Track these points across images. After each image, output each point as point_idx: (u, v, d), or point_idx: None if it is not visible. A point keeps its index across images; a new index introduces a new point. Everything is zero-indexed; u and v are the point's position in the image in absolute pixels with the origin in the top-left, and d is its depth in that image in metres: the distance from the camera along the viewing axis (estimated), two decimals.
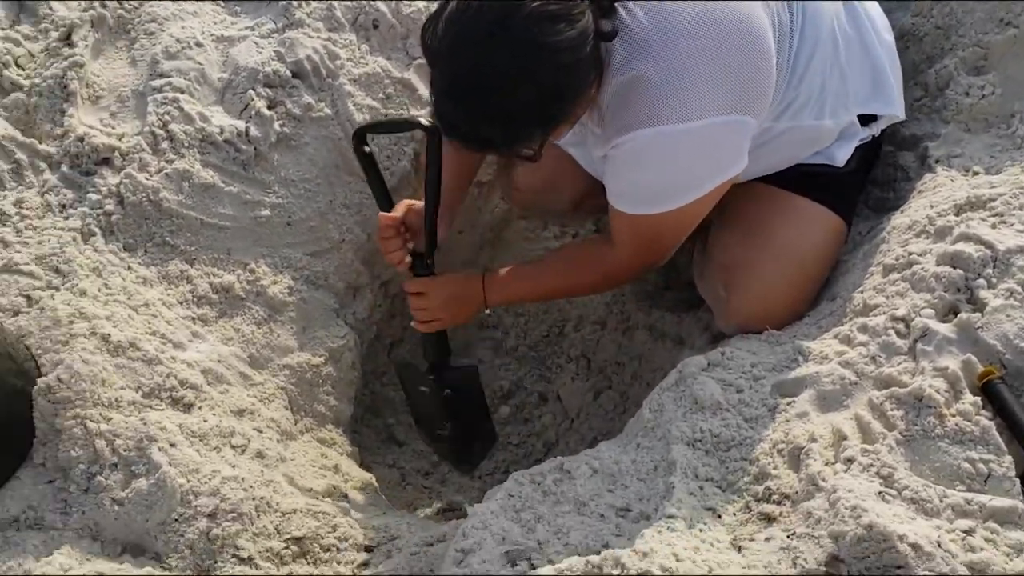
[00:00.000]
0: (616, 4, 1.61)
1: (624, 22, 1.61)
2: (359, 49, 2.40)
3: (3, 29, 2.31)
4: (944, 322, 1.63)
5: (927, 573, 1.31)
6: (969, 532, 1.38)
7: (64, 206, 2.04)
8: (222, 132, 2.18)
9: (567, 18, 1.50)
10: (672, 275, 2.48)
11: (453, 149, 1.92)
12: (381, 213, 2.02)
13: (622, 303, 2.54)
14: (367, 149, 1.97)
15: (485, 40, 1.50)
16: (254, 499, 1.72)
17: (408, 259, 2.04)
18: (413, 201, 2.04)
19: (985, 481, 1.45)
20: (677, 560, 1.41)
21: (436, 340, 2.18)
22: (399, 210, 2.01)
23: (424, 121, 1.89)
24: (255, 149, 2.21)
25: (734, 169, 1.76)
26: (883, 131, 2.07)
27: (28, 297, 1.87)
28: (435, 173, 1.92)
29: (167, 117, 2.17)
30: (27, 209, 2.02)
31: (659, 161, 1.70)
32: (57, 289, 1.89)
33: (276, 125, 2.23)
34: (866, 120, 1.98)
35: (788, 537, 1.45)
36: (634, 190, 1.78)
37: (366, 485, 2.09)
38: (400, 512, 2.01)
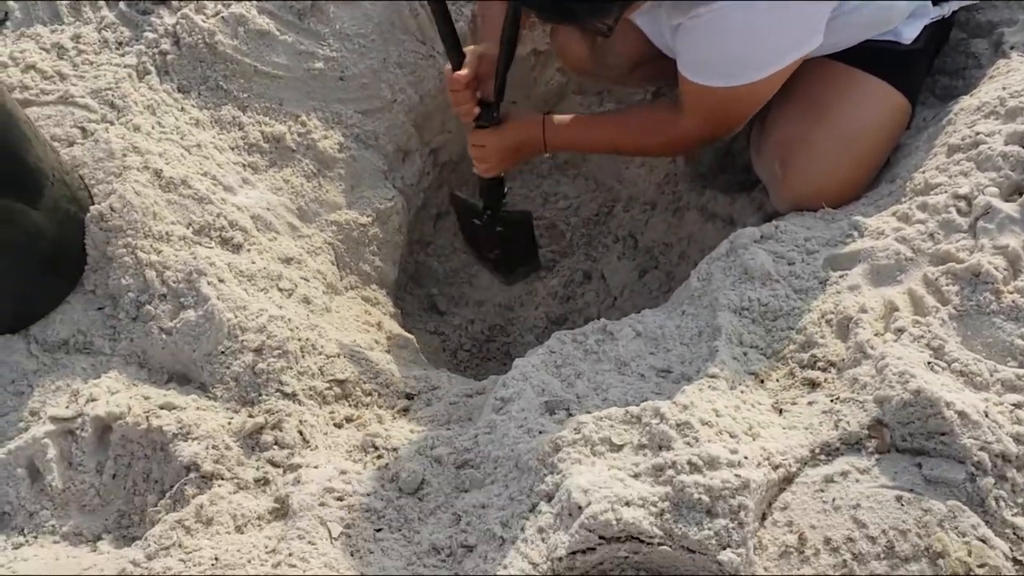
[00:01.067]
0: None
1: None
2: None
3: None
4: (1008, 201, 1.59)
5: (972, 441, 1.30)
6: (1018, 406, 1.36)
7: (120, 43, 2.03)
8: None
9: None
10: (727, 158, 2.43)
11: None
12: (452, 71, 1.96)
13: (674, 183, 2.51)
14: (444, 6, 1.90)
15: None
16: (299, 339, 1.73)
17: (476, 110, 2.01)
18: (482, 50, 1.97)
19: None
20: (717, 415, 1.40)
21: (493, 185, 2.21)
22: (470, 61, 1.95)
23: None
24: None
25: (811, 44, 1.73)
26: (954, 14, 1.99)
27: (83, 129, 1.88)
28: (512, 33, 1.88)
29: None
30: (84, 44, 2.01)
31: (741, 33, 1.67)
32: (112, 123, 1.89)
33: None
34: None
35: (832, 402, 1.44)
36: (712, 62, 1.74)
37: (408, 343, 2.10)
38: (440, 369, 2.02)
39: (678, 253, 2.43)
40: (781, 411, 1.47)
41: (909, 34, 1.89)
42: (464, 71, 1.94)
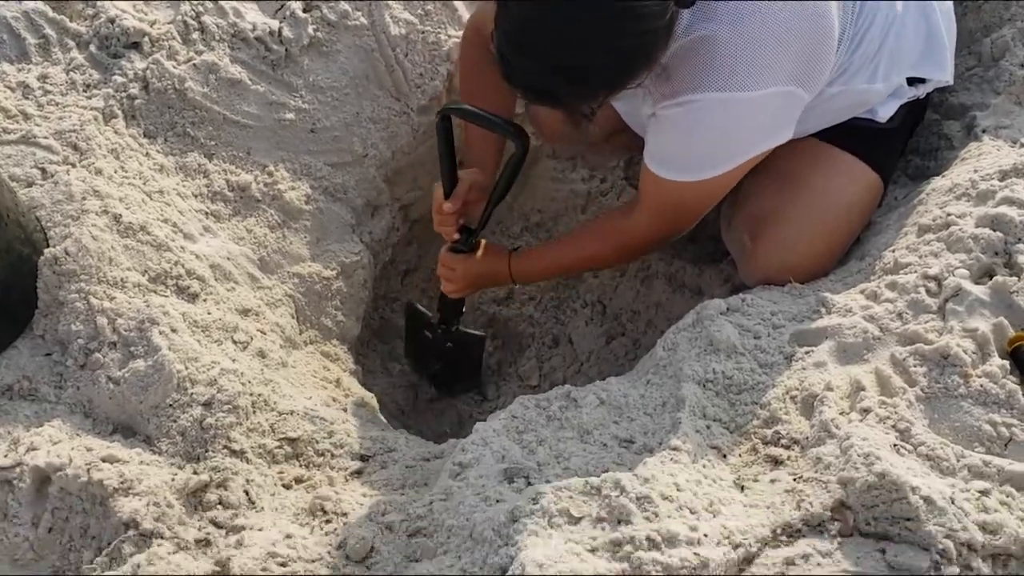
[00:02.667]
0: None
1: None
2: None
3: None
4: (978, 284, 1.58)
5: (937, 528, 1.27)
6: (984, 493, 1.34)
7: (88, 85, 2.00)
8: (254, 29, 2.14)
9: None
10: (697, 228, 2.42)
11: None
12: (443, 199, 1.99)
13: None
14: (448, 127, 1.92)
15: None
16: (251, 395, 1.68)
17: (456, 235, 2.07)
18: (473, 178, 2.01)
19: (1006, 445, 1.41)
20: (678, 490, 1.37)
21: (453, 304, 2.25)
22: (460, 191, 1.99)
23: (510, 128, 1.86)
24: (286, 50, 2.16)
25: (780, 139, 1.73)
26: (929, 95, 2.01)
27: (43, 170, 1.83)
28: (513, 170, 1.92)
29: (201, 8, 2.12)
30: (51, 84, 1.97)
31: (712, 126, 1.66)
32: (73, 165, 1.85)
33: (310, 28, 2.18)
34: (913, 81, 1.92)
35: (794, 480, 1.41)
36: (677, 154, 1.74)
37: (366, 403, 2.05)
38: (399, 430, 1.97)
39: (645, 321, 2.41)
40: (743, 488, 1.44)
41: (885, 113, 1.90)
42: (452, 204, 1.98)
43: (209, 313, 1.80)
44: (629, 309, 2.47)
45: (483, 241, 2.11)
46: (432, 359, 2.43)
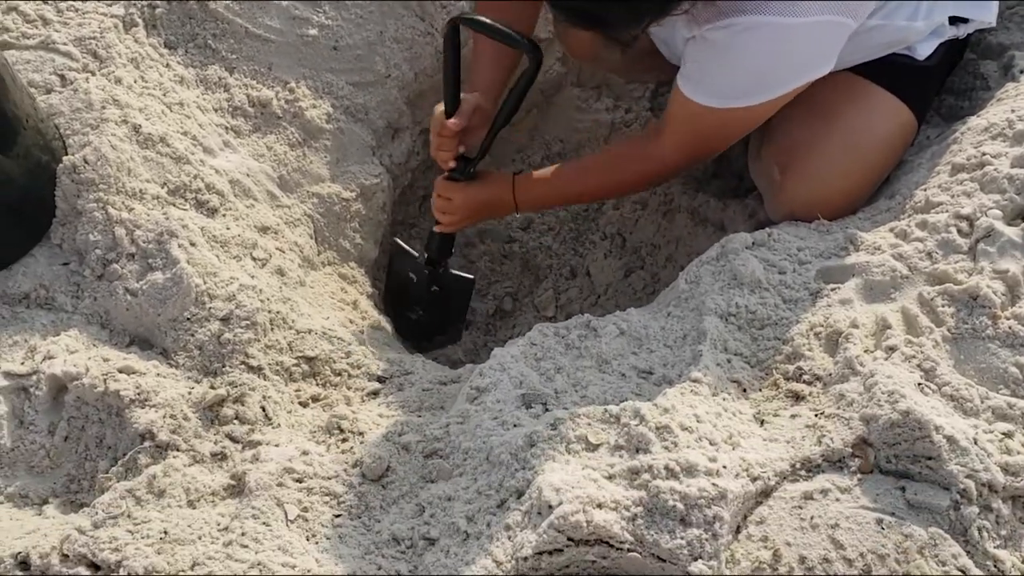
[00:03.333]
0: None
1: None
2: None
3: None
4: (1011, 225, 1.54)
5: (959, 467, 1.25)
6: (1008, 435, 1.32)
7: None
8: None
9: None
10: (723, 162, 2.39)
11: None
12: (444, 117, 1.88)
13: (666, 185, 2.45)
14: (458, 40, 1.82)
15: None
16: (269, 312, 1.67)
17: (453, 162, 1.95)
18: (478, 102, 1.91)
19: None
20: (698, 421, 1.35)
21: (444, 240, 2.12)
22: (464, 111, 1.88)
23: (526, 42, 1.76)
24: None
25: (821, 71, 1.67)
26: (969, 35, 1.95)
27: (62, 77, 1.80)
28: (522, 91, 1.83)
29: None
30: None
31: (756, 51, 1.60)
32: (93, 73, 1.82)
33: None
34: (956, 20, 1.86)
35: (816, 416, 1.39)
36: (714, 78, 1.68)
37: (383, 326, 2.04)
38: (415, 355, 1.96)
39: (665, 255, 2.38)
40: (763, 422, 1.42)
41: (924, 51, 1.85)
42: (456, 120, 1.87)
43: (228, 228, 1.78)
44: (649, 243, 2.44)
45: (481, 169, 1.99)
46: (414, 305, 2.25)
